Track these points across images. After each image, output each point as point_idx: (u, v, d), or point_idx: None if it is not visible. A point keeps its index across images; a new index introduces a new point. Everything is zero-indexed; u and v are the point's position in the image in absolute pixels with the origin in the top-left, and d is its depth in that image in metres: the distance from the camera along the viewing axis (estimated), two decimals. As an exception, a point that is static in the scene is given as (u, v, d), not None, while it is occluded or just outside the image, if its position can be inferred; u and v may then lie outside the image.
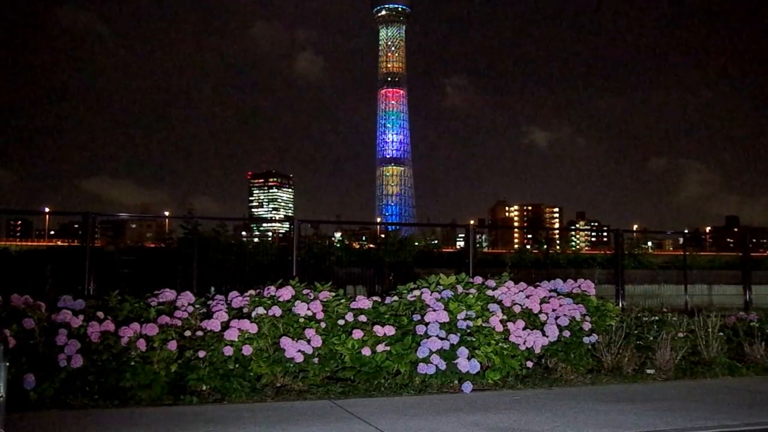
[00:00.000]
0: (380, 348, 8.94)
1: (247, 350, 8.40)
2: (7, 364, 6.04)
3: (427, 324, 9.11)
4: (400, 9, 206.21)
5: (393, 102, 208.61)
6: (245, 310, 8.87)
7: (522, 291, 10.29)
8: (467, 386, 8.96)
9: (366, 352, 8.89)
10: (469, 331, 9.30)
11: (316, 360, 8.77)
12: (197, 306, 8.92)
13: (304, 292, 9.28)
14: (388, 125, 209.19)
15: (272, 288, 9.20)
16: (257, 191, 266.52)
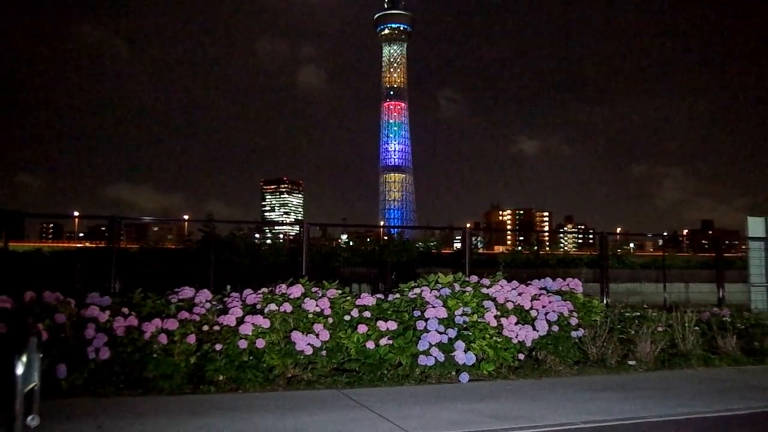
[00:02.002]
0: (383, 341, 8.95)
1: (260, 343, 8.41)
2: (41, 355, 6.06)
3: (426, 319, 9.12)
4: (401, 28, 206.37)
5: (395, 114, 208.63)
6: (258, 307, 8.88)
7: (514, 289, 10.29)
8: (464, 377, 8.97)
9: (370, 345, 8.90)
10: (465, 326, 9.30)
11: (324, 352, 8.78)
12: (214, 303, 8.94)
13: (313, 289, 9.28)
14: (391, 135, 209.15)
15: (283, 286, 9.21)
16: (269, 196, 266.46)
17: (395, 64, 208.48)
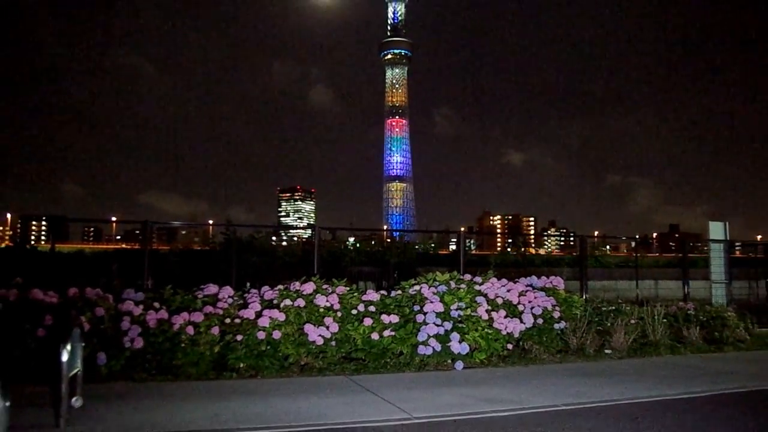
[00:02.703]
0: (386, 333, 8.96)
1: (276, 335, 8.42)
2: (83, 344, 6.10)
3: (425, 313, 9.13)
4: (402, 53, 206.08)
5: (397, 129, 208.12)
6: (275, 302, 8.89)
7: (504, 286, 10.30)
8: (459, 364, 8.97)
9: (375, 336, 8.90)
10: (460, 319, 9.31)
11: (333, 343, 8.78)
12: (235, 298, 8.96)
13: (324, 286, 9.30)
14: (393, 148, 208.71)
15: (297, 283, 9.22)
16: (285, 203, 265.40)
17: (397, 86, 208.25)
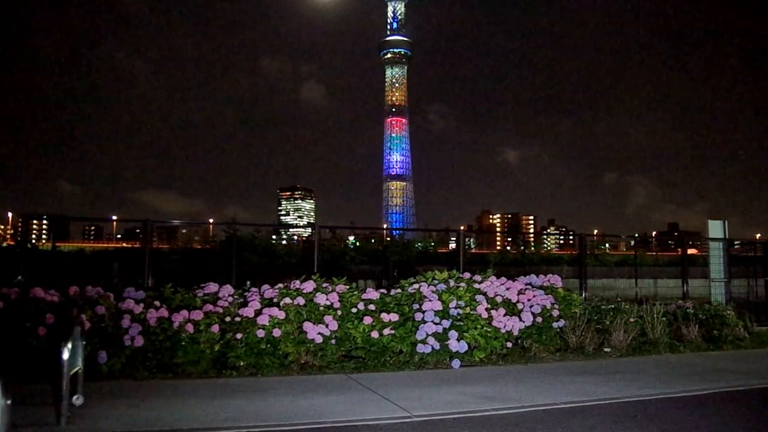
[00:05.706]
0: (386, 331, 8.96)
1: (276, 333, 8.43)
2: (84, 342, 6.10)
3: (424, 312, 9.13)
4: (402, 53, 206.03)
5: (396, 128, 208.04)
6: (275, 300, 8.89)
7: (503, 284, 10.29)
8: (457, 363, 8.97)
9: (374, 334, 8.91)
10: (459, 317, 9.31)
11: (333, 341, 8.79)
12: (235, 296, 8.96)
13: (324, 285, 9.30)
14: (393, 147, 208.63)
15: (297, 282, 9.22)
16: (285, 202, 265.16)
17: (397, 85, 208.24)
